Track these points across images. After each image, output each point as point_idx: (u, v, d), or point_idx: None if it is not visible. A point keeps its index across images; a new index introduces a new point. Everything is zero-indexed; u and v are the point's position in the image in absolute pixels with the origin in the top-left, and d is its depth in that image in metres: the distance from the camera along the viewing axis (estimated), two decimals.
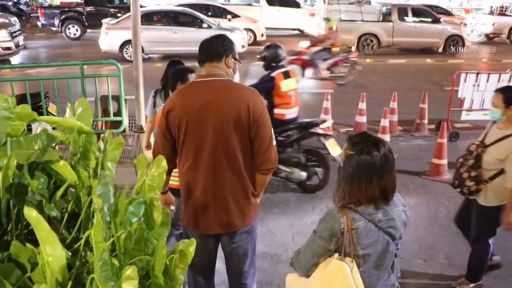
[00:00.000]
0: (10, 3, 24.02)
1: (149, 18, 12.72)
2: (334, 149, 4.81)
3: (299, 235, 4.21)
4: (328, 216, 1.86)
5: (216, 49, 2.40)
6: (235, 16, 15.68)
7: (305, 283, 1.96)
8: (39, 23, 18.34)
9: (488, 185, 3.18)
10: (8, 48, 11.57)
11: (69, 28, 16.57)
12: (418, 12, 14.98)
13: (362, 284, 1.80)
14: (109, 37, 12.34)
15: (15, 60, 12.32)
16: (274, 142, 2.46)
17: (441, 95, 8.64)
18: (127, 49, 11.98)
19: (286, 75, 4.75)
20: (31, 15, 21.76)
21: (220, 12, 15.83)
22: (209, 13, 15.26)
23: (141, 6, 8.48)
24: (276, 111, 4.76)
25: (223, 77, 2.39)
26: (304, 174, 4.89)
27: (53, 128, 1.50)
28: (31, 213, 1.02)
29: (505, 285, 3.60)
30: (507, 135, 3.13)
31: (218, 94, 2.33)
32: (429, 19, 14.74)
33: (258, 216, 2.64)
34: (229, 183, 2.39)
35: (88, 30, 16.73)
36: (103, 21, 13.29)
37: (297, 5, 18.69)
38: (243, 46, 13.42)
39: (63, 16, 16.76)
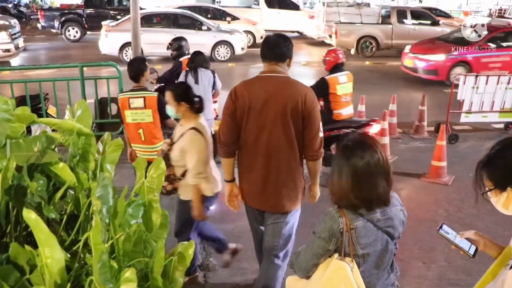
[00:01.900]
0: (10, 5, 24.06)
1: (149, 20, 12.74)
2: None
3: (298, 237, 4.20)
4: (327, 217, 1.86)
5: (283, 51, 2.75)
6: (234, 18, 15.69)
7: (305, 285, 1.96)
8: (39, 25, 18.35)
9: (181, 182, 3.19)
10: (8, 50, 11.58)
11: (69, 30, 16.58)
12: (417, 14, 15.01)
13: (363, 284, 1.81)
14: (109, 39, 12.36)
15: (15, 62, 12.32)
16: (321, 134, 2.80)
17: (440, 97, 8.66)
18: (126, 51, 11.99)
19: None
20: (31, 17, 21.78)
21: (219, 14, 15.85)
22: (209, 15, 15.28)
23: (141, 8, 8.49)
24: None
25: (284, 74, 2.77)
26: None
27: (53, 130, 1.50)
28: (30, 215, 1.02)
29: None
30: (184, 131, 3.15)
31: (280, 87, 2.71)
32: (428, 22, 14.77)
33: None
34: (284, 164, 2.75)
35: (88, 32, 16.74)
36: (103, 23, 13.30)
37: (297, 8, 18.71)
38: (242, 49, 13.42)
39: (63, 18, 16.78)
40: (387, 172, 1.85)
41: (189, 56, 5.58)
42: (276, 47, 2.74)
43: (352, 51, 14.28)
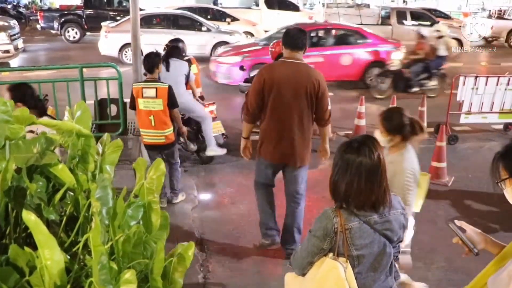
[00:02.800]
0: (9, 6, 24.07)
1: (149, 21, 12.72)
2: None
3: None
4: (323, 216, 1.87)
5: (303, 42, 3.46)
6: (234, 19, 15.69)
7: (301, 282, 1.97)
8: (38, 26, 18.35)
9: None
10: (7, 51, 11.56)
11: (68, 31, 16.58)
12: (416, 15, 15.02)
13: (356, 284, 1.80)
14: (109, 40, 12.35)
15: (14, 63, 12.31)
16: (330, 107, 3.64)
17: (440, 98, 8.65)
18: (126, 52, 11.98)
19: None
20: (31, 18, 21.78)
21: (219, 15, 15.85)
22: (209, 16, 15.28)
23: (141, 9, 8.48)
24: None
25: (301, 60, 3.48)
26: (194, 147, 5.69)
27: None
28: (29, 217, 1.02)
29: None
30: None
31: (299, 71, 3.44)
32: (428, 23, 14.77)
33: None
34: (297, 129, 3.48)
35: (88, 33, 16.74)
36: (103, 24, 13.29)
37: (296, 9, 18.74)
38: None
39: (63, 19, 16.78)
40: (385, 173, 1.85)
41: (188, 57, 5.65)
42: (298, 39, 3.43)
43: None
